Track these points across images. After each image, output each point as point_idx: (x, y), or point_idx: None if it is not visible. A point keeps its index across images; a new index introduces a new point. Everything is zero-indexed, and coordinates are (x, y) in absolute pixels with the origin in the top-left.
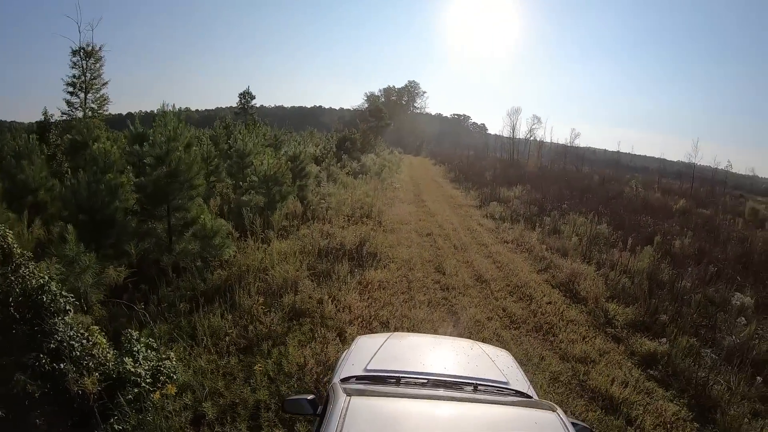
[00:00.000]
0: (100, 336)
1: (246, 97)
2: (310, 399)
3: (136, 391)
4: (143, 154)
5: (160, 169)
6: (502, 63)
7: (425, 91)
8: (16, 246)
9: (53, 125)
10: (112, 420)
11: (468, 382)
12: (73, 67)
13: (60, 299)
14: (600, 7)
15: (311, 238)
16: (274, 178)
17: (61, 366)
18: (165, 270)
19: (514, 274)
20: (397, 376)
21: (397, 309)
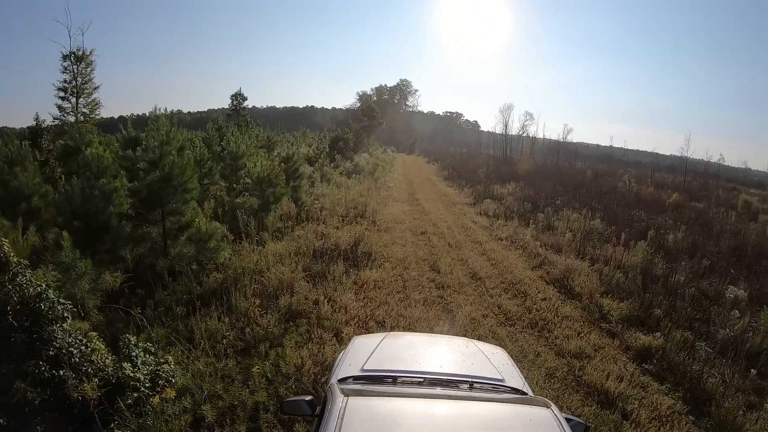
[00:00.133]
0: (98, 342)
1: (238, 98)
2: (309, 400)
3: (135, 396)
4: (137, 158)
5: (154, 174)
6: (494, 60)
7: (417, 90)
8: (12, 254)
9: (45, 130)
10: (112, 425)
11: (464, 380)
12: (64, 72)
13: (58, 306)
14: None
15: (306, 239)
16: (267, 180)
17: (61, 373)
18: (161, 274)
19: (508, 271)
20: (393, 375)
21: (393, 308)
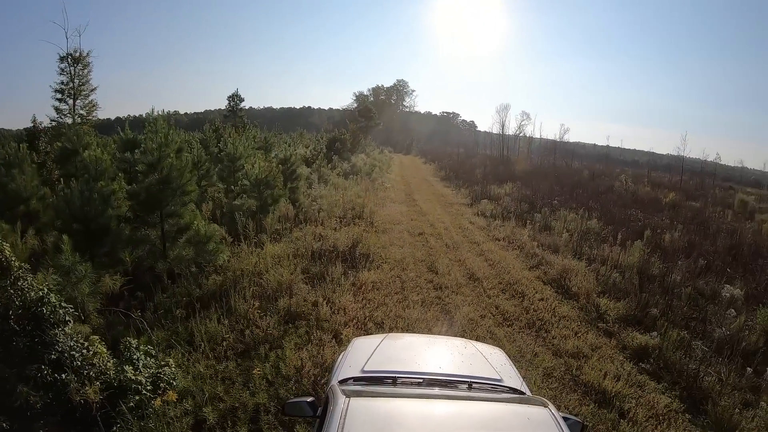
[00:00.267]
0: (100, 345)
1: (235, 99)
2: (310, 401)
3: (137, 399)
4: (135, 161)
5: (152, 176)
6: (491, 60)
7: (414, 90)
8: (14, 258)
9: (42, 132)
10: (115, 428)
11: (463, 381)
12: (60, 74)
13: (59, 310)
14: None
15: (304, 241)
16: (265, 182)
17: (63, 376)
18: (160, 277)
19: (506, 272)
20: (393, 376)
21: (391, 309)
